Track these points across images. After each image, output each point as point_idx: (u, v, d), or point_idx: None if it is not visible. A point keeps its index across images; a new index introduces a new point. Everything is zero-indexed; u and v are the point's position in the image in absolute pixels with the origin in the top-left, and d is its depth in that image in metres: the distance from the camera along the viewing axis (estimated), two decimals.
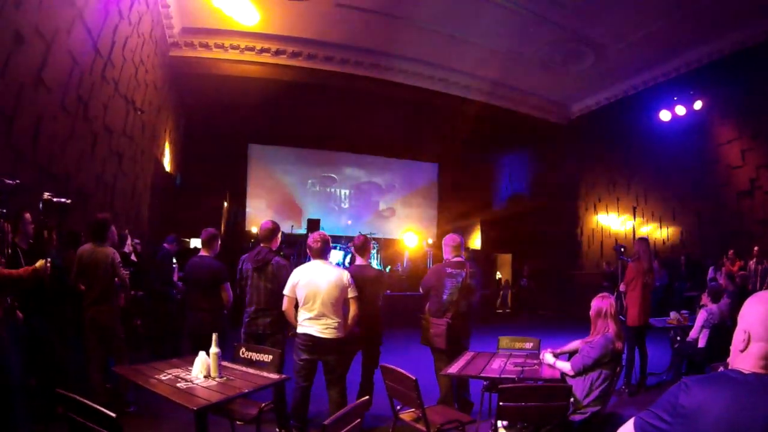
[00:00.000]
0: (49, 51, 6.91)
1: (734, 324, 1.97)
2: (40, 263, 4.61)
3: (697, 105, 13.69)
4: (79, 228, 7.19)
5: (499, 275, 20.95)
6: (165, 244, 9.22)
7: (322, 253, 5.51)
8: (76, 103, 8.05)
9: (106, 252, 6.08)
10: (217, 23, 13.24)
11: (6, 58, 5.94)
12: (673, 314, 9.13)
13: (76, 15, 7.59)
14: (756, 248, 11.68)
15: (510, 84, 16.97)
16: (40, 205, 5.06)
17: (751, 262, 11.69)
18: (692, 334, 8.11)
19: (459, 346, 6.20)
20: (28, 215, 5.36)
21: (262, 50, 14.18)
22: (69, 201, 5.04)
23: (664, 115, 14.32)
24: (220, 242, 6.57)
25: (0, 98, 5.95)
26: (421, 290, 6.74)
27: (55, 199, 4.91)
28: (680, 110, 13.95)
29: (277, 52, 14.29)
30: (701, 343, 7.88)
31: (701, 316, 8.03)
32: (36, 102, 6.77)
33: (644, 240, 8.34)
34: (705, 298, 8.59)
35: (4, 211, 4.49)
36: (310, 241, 5.57)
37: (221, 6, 11.86)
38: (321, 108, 17.72)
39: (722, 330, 7.52)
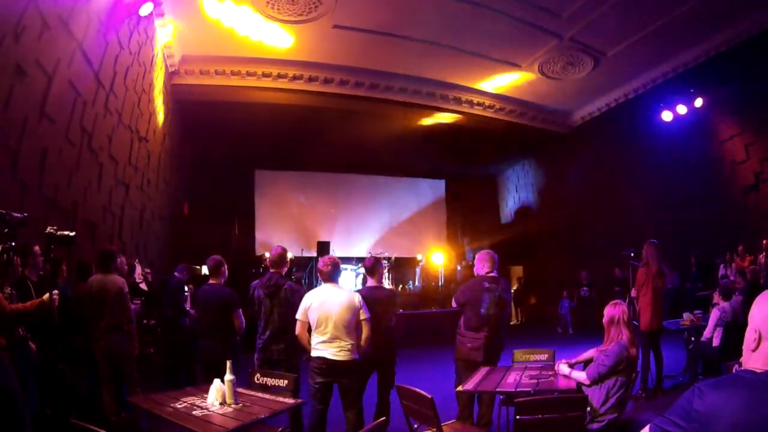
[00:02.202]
0: (51, 83, 6.94)
1: (747, 321, 1.96)
2: (46, 296, 4.64)
3: (698, 103, 13.65)
4: (89, 259, 7.22)
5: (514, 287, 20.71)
6: (176, 273, 9.24)
7: (333, 277, 5.56)
8: (81, 134, 8.07)
9: (116, 282, 6.13)
10: (217, 50, 13.32)
11: (8, 91, 5.97)
12: (686, 315, 9.10)
13: (76, 46, 7.62)
14: (765, 242, 11.60)
15: (510, 96, 16.98)
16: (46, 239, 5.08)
17: (761, 256, 11.61)
18: (706, 333, 8.09)
19: (493, 360, 6.29)
20: (37, 248, 5.40)
21: (264, 75, 14.21)
22: (73, 234, 5.05)
23: (666, 116, 14.30)
24: (226, 268, 6.58)
25: (4, 131, 5.97)
26: (454, 305, 6.74)
27: (58, 233, 4.92)
28: (681, 109, 13.92)
29: (279, 77, 14.31)
30: (716, 342, 7.86)
31: (714, 315, 8.02)
32: (40, 134, 6.79)
33: (652, 243, 8.28)
34: (716, 297, 8.57)
35: (13, 244, 4.51)
36: (320, 264, 5.62)
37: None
38: (325, 130, 17.69)
39: (736, 327, 7.50)
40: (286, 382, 4.79)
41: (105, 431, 3.15)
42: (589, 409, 4.75)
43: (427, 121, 17.22)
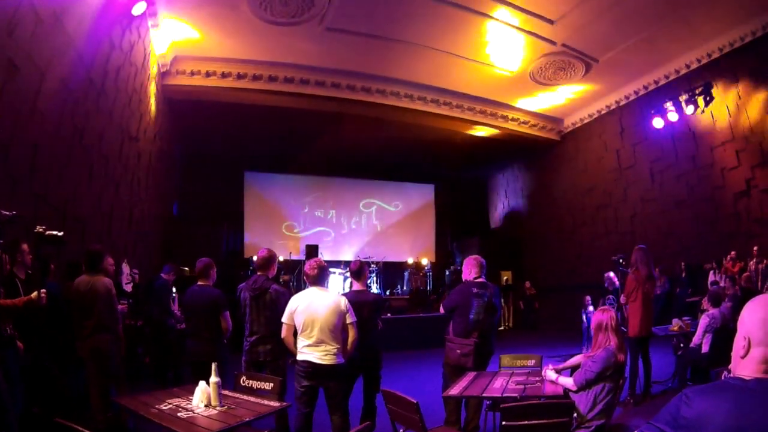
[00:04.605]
0: (43, 80, 6.94)
1: (736, 327, 1.96)
2: (34, 294, 4.62)
3: (689, 110, 13.69)
4: (78, 257, 7.19)
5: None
6: (162, 274, 9.21)
7: (319, 280, 5.50)
8: (72, 131, 8.07)
9: (104, 282, 6.09)
10: (209, 51, 13.32)
11: (0, 86, 5.96)
12: (675, 321, 9.12)
13: (69, 44, 7.62)
14: (755, 248, 11.68)
15: (502, 101, 17.09)
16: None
17: (752, 262, 11.69)
18: (695, 340, 8.09)
19: (483, 365, 6.24)
20: (25, 245, 5.38)
21: (255, 77, 14.21)
22: (62, 234, 5.03)
23: (657, 123, 14.34)
24: (215, 270, 6.57)
25: None
26: (442, 311, 6.67)
27: (47, 233, 4.90)
28: (673, 116, 13.96)
29: (270, 79, 14.31)
30: (705, 349, 7.86)
31: (703, 321, 8.01)
32: (32, 131, 6.78)
33: (641, 249, 8.26)
34: (706, 303, 8.59)
35: (1, 241, 4.50)
36: (306, 268, 5.56)
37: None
38: (315, 133, 17.83)
39: (725, 334, 7.51)
40: (271, 384, 4.75)
41: (91, 431, 3.13)
42: (575, 414, 4.75)
43: (418, 125, 17.14)
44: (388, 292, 19.17)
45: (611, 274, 12.17)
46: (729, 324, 7.66)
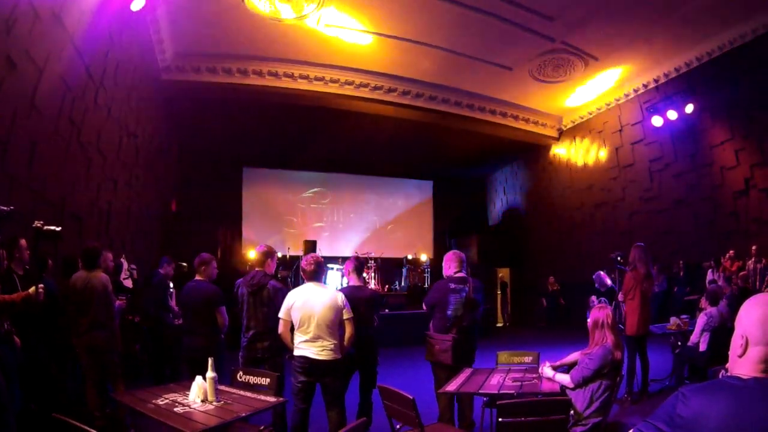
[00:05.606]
0: (41, 76, 6.92)
1: (734, 326, 1.96)
2: (32, 289, 4.63)
3: (689, 108, 13.65)
4: (75, 253, 7.18)
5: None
6: (159, 269, 9.18)
7: (316, 276, 5.54)
8: (70, 128, 8.05)
9: (101, 278, 6.10)
10: (209, 47, 13.25)
11: None
12: (672, 319, 9.09)
13: (67, 39, 7.59)
14: (754, 247, 11.67)
15: (499, 98, 17.01)
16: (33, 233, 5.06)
17: (750, 261, 11.68)
18: (693, 338, 8.09)
19: (465, 362, 6.20)
20: (23, 241, 5.39)
21: (254, 72, 14.13)
22: (60, 229, 5.04)
23: (656, 121, 14.30)
24: (214, 266, 6.58)
25: None
26: (424, 307, 6.68)
27: (45, 228, 4.91)
28: (672, 115, 13.92)
29: (269, 74, 14.24)
30: (702, 347, 7.87)
31: (701, 320, 8.02)
32: (30, 127, 6.77)
33: (640, 246, 8.25)
34: (704, 302, 8.59)
35: None
36: (303, 263, 5.59)
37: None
38: (314, 129, 17.76)
39: (723, 332, 7.51)
40: (268, 380, 4.76)
41: (89, 427, 3.13)
42: (572, 412, 4.76)
43: (417, 122, 17.11)
44: (386, 288, 19.14)
45: (602, 273, 12.07)
46: (727, 323, 7.66)
